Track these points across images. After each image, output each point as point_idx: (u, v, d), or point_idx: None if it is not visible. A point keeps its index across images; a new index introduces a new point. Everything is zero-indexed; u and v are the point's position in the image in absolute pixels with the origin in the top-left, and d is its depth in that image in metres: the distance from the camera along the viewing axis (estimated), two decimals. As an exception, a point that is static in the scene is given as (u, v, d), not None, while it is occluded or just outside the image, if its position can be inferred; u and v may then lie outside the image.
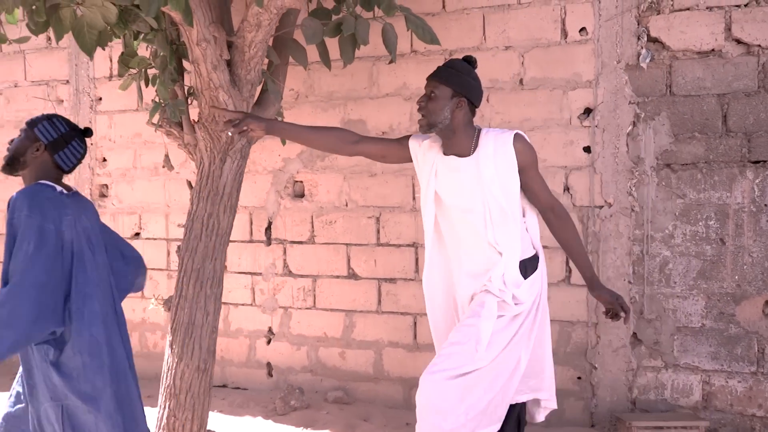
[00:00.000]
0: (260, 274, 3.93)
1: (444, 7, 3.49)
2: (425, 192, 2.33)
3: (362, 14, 2.72)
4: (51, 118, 2.22)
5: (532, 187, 2.27)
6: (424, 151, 2.34)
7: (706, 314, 3.18)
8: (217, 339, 4.00)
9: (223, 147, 2.78)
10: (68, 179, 4.38)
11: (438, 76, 2.24)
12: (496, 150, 2.19)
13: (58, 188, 2.18)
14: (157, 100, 2.96)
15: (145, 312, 4.22)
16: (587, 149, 3.31)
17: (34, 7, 2.29)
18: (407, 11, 2.70)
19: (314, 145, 2.44)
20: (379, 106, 3.62)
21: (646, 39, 3.20)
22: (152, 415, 3.59)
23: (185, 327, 2.77)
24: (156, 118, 2.92)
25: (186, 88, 2.96)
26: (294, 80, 3.72)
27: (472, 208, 2.23)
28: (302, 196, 3.84)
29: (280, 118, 3.31)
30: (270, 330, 3.93)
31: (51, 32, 4.15)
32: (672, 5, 3.15)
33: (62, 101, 4.37)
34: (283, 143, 3.36)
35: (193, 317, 2.77)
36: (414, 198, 3.59)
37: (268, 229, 3.91)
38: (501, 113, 3.41)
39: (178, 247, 2.95)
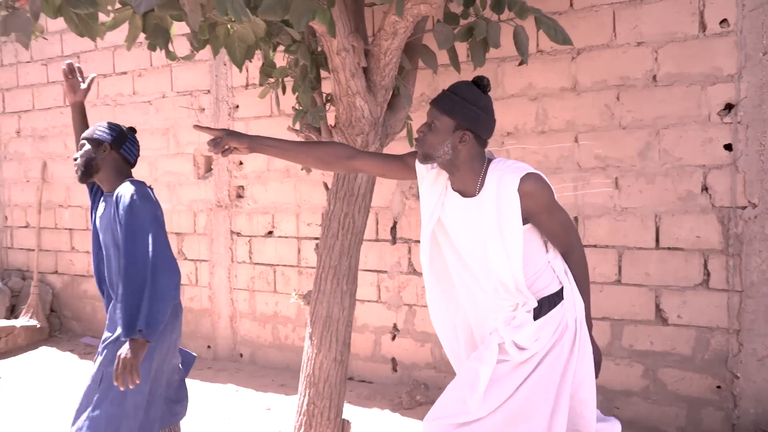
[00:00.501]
0: (386, 272, 4.06)
1: (572, 5, 3.45)
2: (427, 221, 2.06)
3: (491, 17, 2.76)
4: (101, 125, 2.45)
5: (546, 230, 1.97)
6: (433, 178, 2.07)
7: None
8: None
9: (358, 150, 2.92)
10: (208, 181, 4.75)
11: (439, 105, 1.92)
12: (499, 193, 1.89)
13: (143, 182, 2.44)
14: (297, 107, 3.16)
15: (278, 306, 4.50)
16: (728, 147, 3.15)
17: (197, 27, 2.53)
18: (538, 12, 2.71)
19: (304, 162, 2.18)
20: (503, 106, 3.64)
21: (796, 28, 3.00)
22: (284, 402, 3.84)
23: (323, 320, 2.94)
24: (297, 124, 3.11)
25: (324, 95, 3.13)
26: (419, 83, 3.82)
27: (474, 252, 1.97)
28: (426, 196, 3.92)
29: (409, 122, 3.42)
30: (395, 326, 4.06)
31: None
32: (828, -9, 2.94)
33: (203, 109, 4.75)
34: (410, 144, 3.46)
35: (331, 311, 2.93)
36: (539, 198, 3.57)
37: (393, 228, 4.04)
38: (632, 111, 3.32)
39: (316, 245, 3.13)
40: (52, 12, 2.09)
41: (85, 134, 2.44)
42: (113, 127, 2.45)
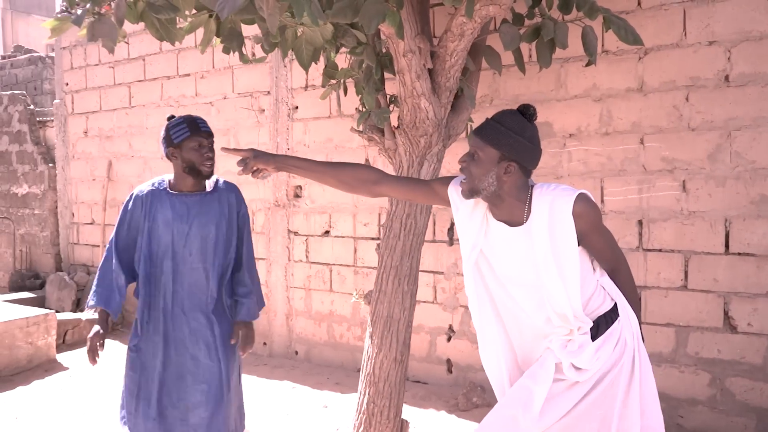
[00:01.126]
0: (442, 273, 4.06)
1: (639, 4, 3.38)
2: (469, 252, 1.98)
3: (558, 17, 2.73)
4: (169, 127, 2.49)
5: (595, 250, 1.91)
6: (470, 209, 1.99)
7: None
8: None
9: (421, 151, 2.93)
10: (267, 181, 4.85)
11: (483, 135, 1.83)
12: (551, 217, 1.82)
13: None
14: (360, 108, 3.19)
15: (333, 305, 4.55)
16: (806, 149, 3.03)
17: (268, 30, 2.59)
18: (607, 12, 2.67)
19: (329, 183, 2.12)
20: (566, 107, 3.59)
21: None
22: (340, 400, 3.89)
23: (384, 320, 2.96)
24: (360, 126, 3.15)
25: (387, 97, 3.15)
26: (480, 84, 3.80)
27: (525, 282, 1.90)
28: (485, 198, 3.91)
29: (470, 123, 3.41)
30: (450, 328, 4.06)
31: (254, 48, 4.62)
32: None
33: (263, 110, 4.85)
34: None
35: (392, 311, 2.95)
36: (602, 201, 3.51)
37: (450, 229, 4.03)
38: (702, 112, 3.23)
39: (377, 245, 3.15)
40: (134, 18, 2.17)
41: (208, 129, 2.51)
42: (176, 127, 2.52)
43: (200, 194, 2.53)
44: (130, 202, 2.56)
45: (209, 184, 2.57)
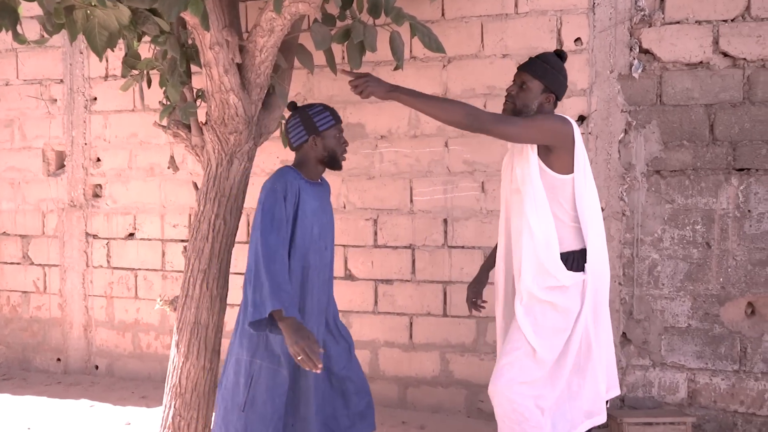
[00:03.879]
0: (257, 274, 3.95)
1: (443, 14, 3.58)
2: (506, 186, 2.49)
3: (368, 21, 2.79)
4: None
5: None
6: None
7: (692, 315, 3.32)
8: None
9: (231, 149, 2.82)
10: (60, 179, 4.36)
11: (532, 70, 2.30)
12: None
13: None
14: (165, 102, 2.98)
15: (139, 312, 4.22)
16: (581, 155, 3.43)
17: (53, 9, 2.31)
18: (413, 19, 2.78)
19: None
20: (378, 110, 3.69)
21: (638, 50, 3.33)
22: (146, 415, 3.61)
23: (191, 327, 2.80)
24: (165, 120, 2.94)
25: (195, 91, 2.99)
26: (295, 83, 3.76)
27: (518, 188, 2.34)
28: (300, 197, 3.88)
29: (283, 121, 3.36)
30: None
31: (43, 31, 4.13)
32: (663, 18, 3.29)
33: (56, 100, 4.35)
34: (285, 145, 3.40)
35: (200, 317, 2.80)
36: (411, 201, 3.66)
37: (266, 230, 3.94)
38: (498, 119, 3.51)
39: (184, 247, 2.98)
40: None
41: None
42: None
43: (322, 184, 2.56)
44: (282, 191, 2.32)
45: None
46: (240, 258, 3.97)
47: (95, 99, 4.26)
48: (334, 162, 2.50)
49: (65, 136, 4.32)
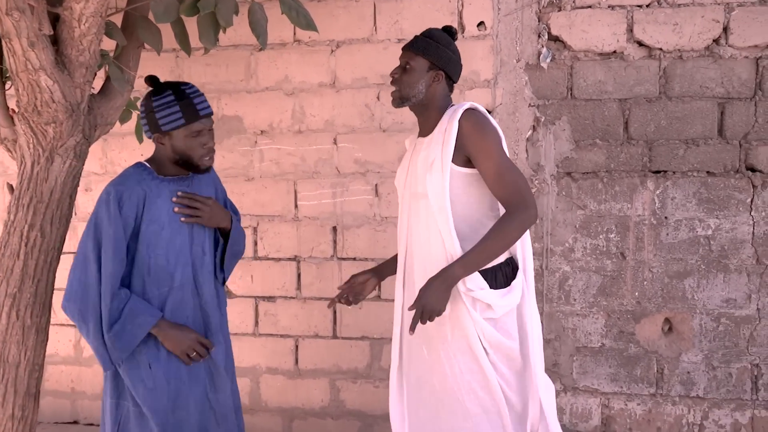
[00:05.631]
0: (119, 291, 3.39)
1: (331, -8, 3.12)
2: (401, 191, 2.14)
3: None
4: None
5: (483, 176, 1.91)
6: (408, 144, 2.23)
7: (605, 333, 2.99)
8: (69, 368, 3.44)
9: (49, 144, 2.26)
10: None
11: (414, 47, 2.03)
12: (447, 127, 1.93)
13: None
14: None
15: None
16: (485, 155, 3.04)
17: None
18: (281, -10, 2.31)
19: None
20: (257, 101, 3.19)
21: (546, 37, 2.97)
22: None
23: (-4, 366, 2.23)
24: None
25: (2, 71, 2.41)
26: (160, 68, 3.22)
27: (423, 192, 1.99)
28: (169, 201, 3.34)
29: (136, 112, 2.82)
30: (130, 356, 3.40)
31: None
32: (573, 2, 2.93)
33: None
34: (140, 140, 2.86)
35: (7, 353, 2.23)
36: (296, 206, 3.18)
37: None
38: (393, 113, 3.07)
39: (-9, 266, 2.42)
40: None
41: (209, 109, 2.17)
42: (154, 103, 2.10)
43: (190, 177, 2.12)
44: (116, 200, 1.98)
45: None
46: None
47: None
48: (189, 166, 2.06)
49: None
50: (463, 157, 1.92)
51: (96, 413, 3.44)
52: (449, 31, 2.08)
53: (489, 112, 2.99)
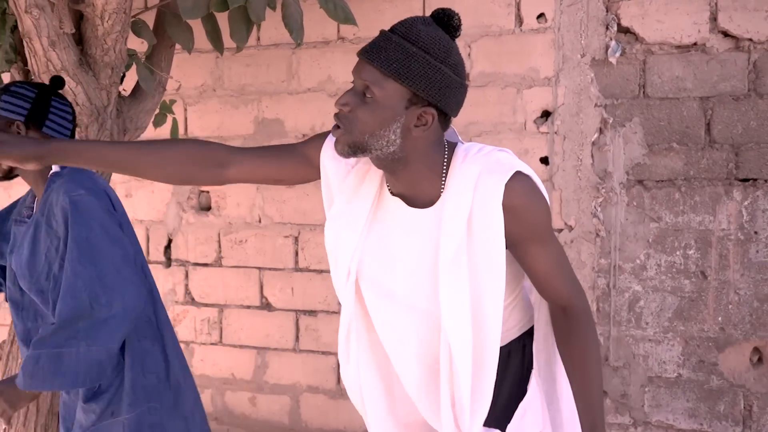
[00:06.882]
0: (158, 301, 3.29)
1: (376, -15, 2.91)
2: (349, 250, 1.29)
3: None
4: (7, 89, 1.63)
5: (533, 267, 1.27)
6: (351, 179, 1.30)
7: (683, 362, 2.64)
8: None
9: None
10: None
11: (384, 60, 1.14)
12: (477, 200, 1.19)
13: None
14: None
15: None
16: (545, 160, 2.75)
17: None
18: (320, -18, 2.12)
19: (147, 175, 1.33)
20: (299, 102, 3.02)
21: (616, 29, 2.65)
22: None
23: (17, 383, 2.12)
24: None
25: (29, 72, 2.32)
26: (199, 69, 3.10)
27: (416, 299, 1.27)
28: (208, 209, 3.21)
29: (172, 116, 2.70)
30: (169, 369, 3.30)
31: None
32: (648, -11, 2.61)
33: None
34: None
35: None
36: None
37: (168, 247, 3.27)
38: (443, 115, 2.83)
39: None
40: None
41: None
42: (25, 93, 1.65)
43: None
44: None
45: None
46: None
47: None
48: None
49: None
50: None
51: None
52: (446, 22, 1.18)
53: (549, 114, 2.71)
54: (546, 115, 2.74)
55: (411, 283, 1.27)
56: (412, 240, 1.25)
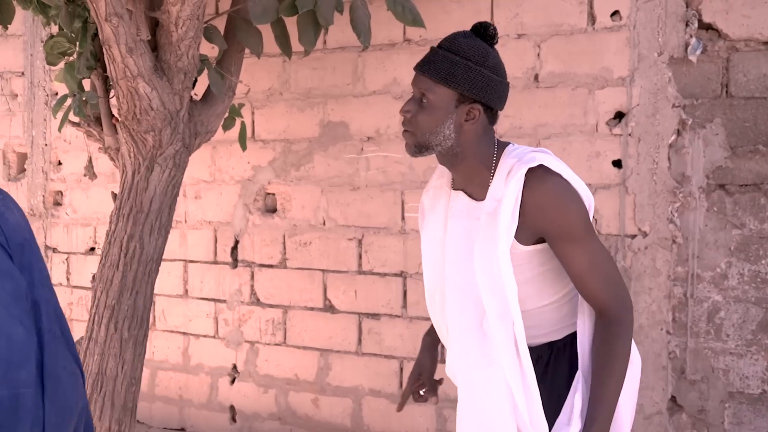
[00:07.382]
0: (225, 301, 3.35)
1: (442, -15, 2.87)
2: (431, 244, 1.58)
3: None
4: None
5: (569, 267, 1.39)
6: (433, 197, 1.58)
7: (767, 378, 2.48)
8: (177, 375, 3.45)
9: (149, 152, 2.21)
10: (20, 184, 3.89)
11: (432, 70, 1.39)
12: (506, 191, 1.37)
13: None
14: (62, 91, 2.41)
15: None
16: (617, 163, 2.64)
17: None
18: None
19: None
20: (364, 105, 3.02)
21: (696, 25, 2.52)
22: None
23: (93, 378, 2.20)
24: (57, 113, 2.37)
25: (107, 79, 2.40)
26: (268, 74, 3.15)
27: (462, 285, 1.47)
28: (274, 211, 3.25)
29: (241, 119, 2.74)
30: (234, 367, 3.35)
31: None
32: (732, -18, 2.47)
33: (17, 95, 3.89)
34: (243, 148, 2.77)
35: (104, 366, 2.20)
36: (403, 218, 2.97)
37: (235, 248, 3.33)
38: (510, 116, 2.76)
39: (93, 276, 2.43)
40: None
41: None
42: None
43: None
44: None
45: None
46: (208, 281, 3.38)
47: (57, 94, 3.76)
48: None
49: (26, 135, 3.85)
50: (530, 235, 1.41)
51: (202, 422, 3.42)
52: (483, 33, 1.43)
53: (623, 115, 2.61)
54: (619, 116, 2.64)
55: (467, 268, 1.46)
56: (469, 226, 1.46)
